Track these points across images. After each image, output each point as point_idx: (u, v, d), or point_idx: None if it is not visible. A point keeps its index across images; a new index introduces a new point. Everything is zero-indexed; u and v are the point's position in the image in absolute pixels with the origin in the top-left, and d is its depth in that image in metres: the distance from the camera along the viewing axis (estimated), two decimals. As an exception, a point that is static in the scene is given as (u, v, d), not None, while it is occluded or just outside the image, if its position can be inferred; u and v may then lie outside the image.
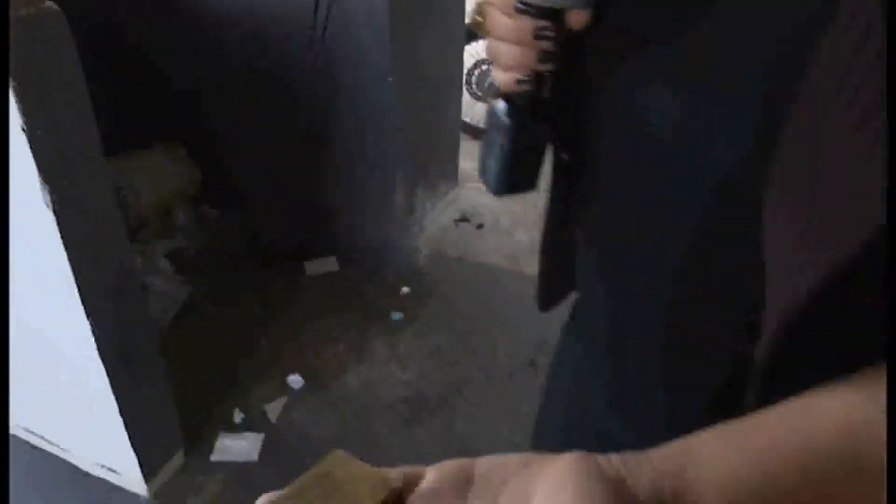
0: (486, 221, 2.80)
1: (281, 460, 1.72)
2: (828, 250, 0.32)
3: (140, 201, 2.51)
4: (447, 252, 2.57)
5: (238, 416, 1.83)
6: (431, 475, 0.34)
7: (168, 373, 1.64)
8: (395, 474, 0.34)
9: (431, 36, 2.41)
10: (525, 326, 2.17)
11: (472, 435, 1.78)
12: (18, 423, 1.75)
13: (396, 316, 2.19)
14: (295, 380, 1.94)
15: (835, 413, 0.32)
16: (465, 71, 3.21)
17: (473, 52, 3.36)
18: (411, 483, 0.34)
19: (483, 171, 0.56)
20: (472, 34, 3.30)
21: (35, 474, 1.69)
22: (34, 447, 1.74)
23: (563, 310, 0.71)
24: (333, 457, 0.35)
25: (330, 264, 2.44)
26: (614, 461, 0.31)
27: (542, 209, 0.63)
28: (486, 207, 2.91)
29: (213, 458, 1.72)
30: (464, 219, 2.81)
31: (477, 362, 2.02)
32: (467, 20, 2.76)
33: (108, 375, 1.41)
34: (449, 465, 0.34)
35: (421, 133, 2.52)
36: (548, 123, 0.51)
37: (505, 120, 0.50)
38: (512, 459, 0.33)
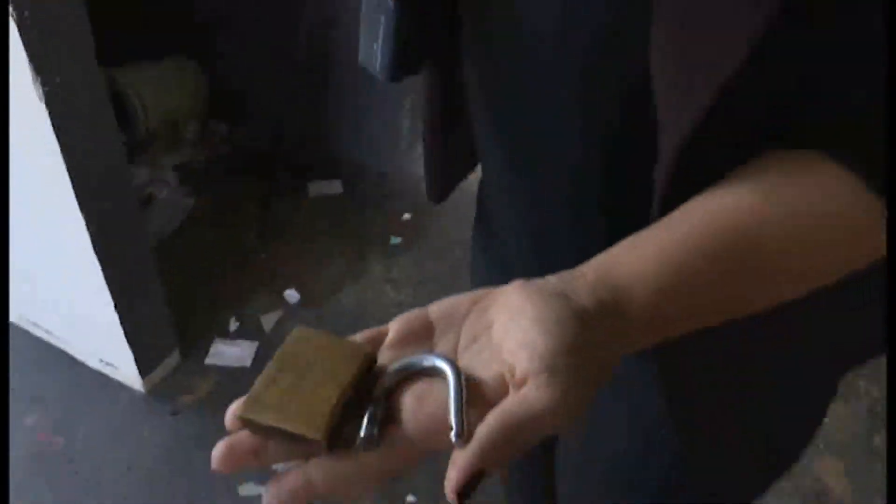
0: (494, 156, 2.78)
1: (272, 368, 1.78)
2: (709, 70, 0.32)
3: (148, 113, 2.52)
4: (451, 183, 2.57)
5: (234, 325, 1.89)
6: (393, 329, 0.36)
7: (166, 276, 1.68)
8: (362, 338, 0.35)
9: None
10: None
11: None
12: (24, 316, 1.82)
13: (395, 240, 2.22)
14: (291, 294, 1.98)
15: (727, 209, 0.35)
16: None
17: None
18: (377, 341, 0.36)
19: (367, 58, 0.51)
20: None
21: (38, 365, 1.76)
22: (38, 339, 1.81)
23: None
24: (297, 334, 0.35)
25: (334, 187, 2.46)
26: (552, 281, 0.34)
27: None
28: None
29: (208, 361, 1.79)
30: (471, 152, 2.79)
31: (466, 287, 2.05)
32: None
33: (103, 271, 1.46)
34: (406, 316, 0.36)
35: (432, 60, 2.48)
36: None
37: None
38: (462, 299, 0.36)
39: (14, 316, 1.83)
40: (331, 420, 0.31)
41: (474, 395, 0.32)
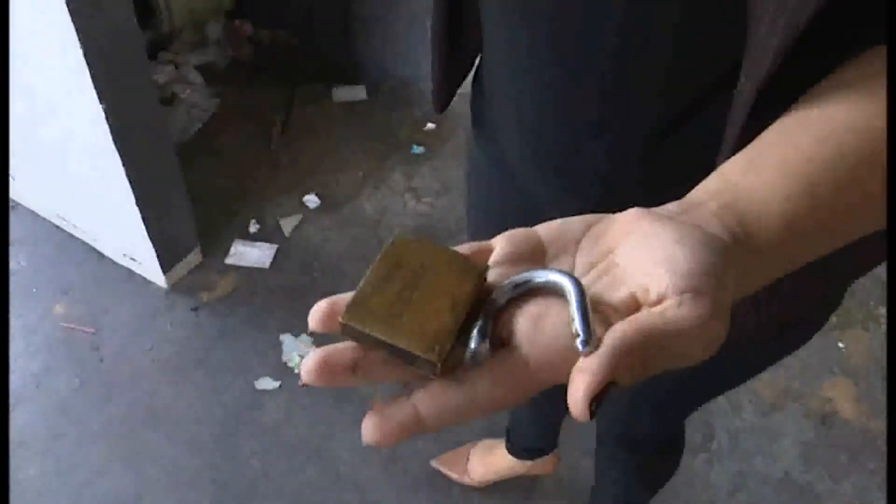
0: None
1: (290, 270, 1.80)
2: (789, 13, 0.32)
3: (171, 9, 2.46)
4: (479, 93, 2.49)
5: (254, 227, 1.90)
6: (500, 246, 0.32)
7: (189, 176, 1.69)
8: (467, 250, 0.31)
9: None
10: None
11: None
12: (53, 210, 1.85)
13: (417, 149, 2.18)
14: (311, 199, 1.98)
15: (834, 119, 0.32)
16: None
17: None
18: (483, 255, 0.32)
19: None
20: None
21: (67, 257, 1.82)
22: (67, 233, 1.85)
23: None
24: (399, 241, 0.31)
25: (358, 92, 2.40)
26: (674, 209, 0.30)
27: None
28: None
29: (228, 261, 1.82)
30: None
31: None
32: None
33: (124, 167, 1.46)
34: (513, 234, 0.32)
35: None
36: None
37: None
38: (573, 221, 0.32)
39: (44, 209, 1.87)
40: (447, 340, 0.28)
41: (600, 314, 0.28)
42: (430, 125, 2.28)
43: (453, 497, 1.40)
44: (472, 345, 0.28)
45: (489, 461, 1.34)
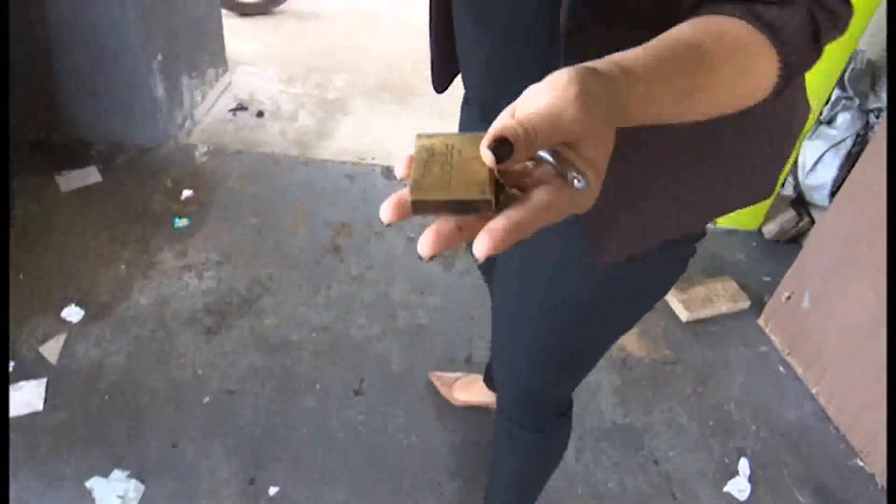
0: (266, 108, 2.59)
1: (71, 402, 1.54)
2: None
3: None
4: (227, 145, 2.35)
5: (10, 366, 1.59)
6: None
7: None
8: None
9: None
10: (322, 212, 2.10)
11: (284, 328, 1.73)
12: None
13: (180, 222, 1.99)
14: (72, 311, 1.71)
15: (685, 34, 0.47)
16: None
17: None
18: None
19: None
20: None
21: None
22: None
23: (363, 191, 0.72)
24: (422, 138, 0.40)
25: (89, 174, 2.12)
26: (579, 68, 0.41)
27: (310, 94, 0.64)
28: (264, 93, 2.68)
29: (-14, 416, 1.49)
30: (241, 107, 2.57)
31: (278, 256, 1.93)
32: None
33: None
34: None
35: (170, 9, 2.18)
36: None
37: None
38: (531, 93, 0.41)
39: None
40: (491, 184, 0.37)
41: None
42: (186, 192, 2.10)
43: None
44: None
45: (471, 388, 1.60)
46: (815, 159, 1.96)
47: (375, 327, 1.77)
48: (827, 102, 1.95)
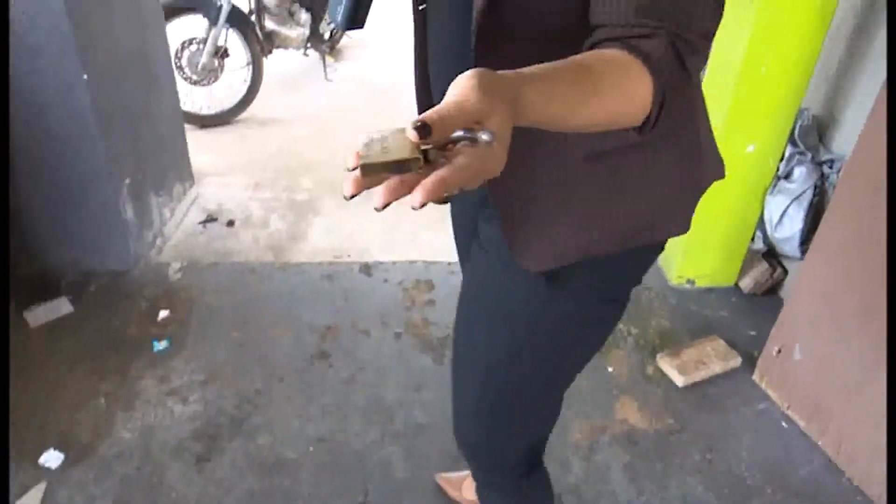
0: (237, 217, 2.59)
1: (57, 556, 1.43)
2: None
3: None
4: (200, 259, 2.33)
5: (-17, 524, 1.47)
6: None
7: None
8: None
9: (124, 16, 2.09)
10: (305, 317, 2.06)
11: (279, 445, 1.66)
12: None
13: (160, 345, 1.93)
14: (50, 456, 1.61)
15: (575, 58, 0.59)
16: (174, 55, 2.88)
17: (178, 31, 3.01)
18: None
19: (333, 15, 0.90)
20: (173, 10, 2.95)
21: None
22: None
23: (344, 291, 0.74)
24: (364, 135, 0.50)
25: (60, 306, 2.06)
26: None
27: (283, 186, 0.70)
28: (233, 201, 2.69)
29: (-38, 586, 1.37)
30: (211, 218, 2.56)
31: (264, 368, 1.88)
32: (160, -3, 2.44)
33: None
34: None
35: (135, 132, 2.20)
36: None
37: None
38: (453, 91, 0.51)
39: None
40: (420, 150, 0.47)
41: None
42: (163, 313, 2.05)
43: None
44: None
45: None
46: (781, 213, 2.03)
47: (373, 432, 1.71)
48: (782, 159, 2.04)
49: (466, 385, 1.00)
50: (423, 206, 0.45)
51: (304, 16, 3.57)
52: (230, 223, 2.55)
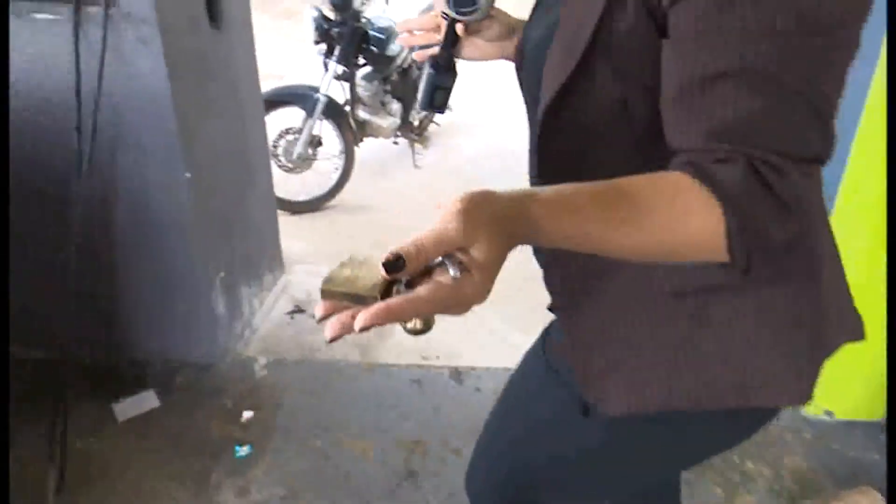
0: (324, 308, 2.53)
1: None
2: (566, 62, 0.63)
3: None
4: (286, 355, 2.27)
5: None
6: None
7: None
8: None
9: (226, 111, 2.13)
10: (391, 429, 1.94)
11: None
12: None
13: (242, 450, 1.85)
14: (124, 572, 1.53)
15: (618, 180, 0.55)
16: (271, 144, 2.94)
17: (276, 121, 3.10)
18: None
19: (419, 100, 0.92)
20: (272, 103, 3.04)
21: None
22: None
23: (433, 399, 0.70)
24: (343, 261, 0.54)
25: (147, 400, 2.02)
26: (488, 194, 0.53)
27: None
28: (320, 293, 2.64)
29: None
30: (298, 309, 2.52)
31: (348, 488, 1.75)
32: (263, 87, 2.50)
33: None
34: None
35: (231, 225, 2.21)
36: (452, 72, 0.89)
37: (430, 70, 0.89)
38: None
39: None
40: (384, 286, 0.49)
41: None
42: (246, 413, 1.98)
43: None
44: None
45: None
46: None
47: (465, 574, 1.53)
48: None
49: (488, 467, 0.96)
50: (363, 330, 0.46)
51: (396, 105, 3.63)
52: (317, 316, 2.49)
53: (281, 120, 3.20)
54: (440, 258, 0.48)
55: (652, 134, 0.60)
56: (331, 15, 3.19)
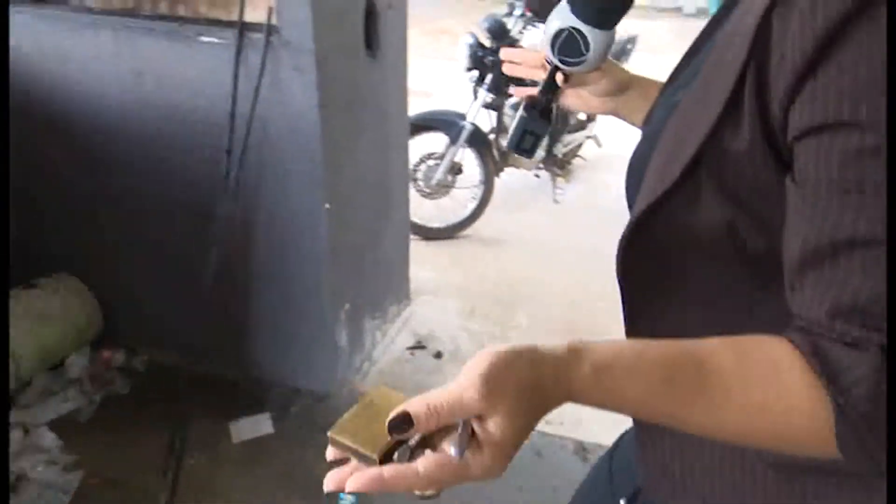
0: (445, 347, 2.42)
1: None
2: (661, 178, 0.56)
3: (18, 357, 2.02)
4: (403, 391, 2.17)
5: None
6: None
7: None
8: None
9: (372, 139, 2.08)
10: (510, 500, 1.78)
11: None
12: None
13: (346, 500, 1.76)
14: None
15: (697, 344, 0.48)
16: (411, 167, 2.89)
17: (419, 145, 3.05)
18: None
19: (508, 138, 0.88)
20: (417, 127, 2.99)
21: None
22: None
23: (551, 471, 0.73)
24: (377, 390, 0.51)
25: (262, 424, 2.00)
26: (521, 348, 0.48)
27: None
28: (444, 328, 2.54)
29: None
30: (419, 345, 2.43)
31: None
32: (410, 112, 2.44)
33: None
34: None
35: (362, 256, 2.15)
36: (546, 119, 0.83)
37: (524, 112, 0.83)
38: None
39: None
40: (386, 446, 0.46)
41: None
42: (355, 456, 1.90)
43: None
44: (397, 456, 0.46)
45: None
46: None
47: None
48: None
49: None
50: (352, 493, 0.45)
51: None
52: (438, 355, 2.39)
53: (424, 144, 3.15)
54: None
55: (770, 267, 0.52)
56: (486, 42, 3.10)
